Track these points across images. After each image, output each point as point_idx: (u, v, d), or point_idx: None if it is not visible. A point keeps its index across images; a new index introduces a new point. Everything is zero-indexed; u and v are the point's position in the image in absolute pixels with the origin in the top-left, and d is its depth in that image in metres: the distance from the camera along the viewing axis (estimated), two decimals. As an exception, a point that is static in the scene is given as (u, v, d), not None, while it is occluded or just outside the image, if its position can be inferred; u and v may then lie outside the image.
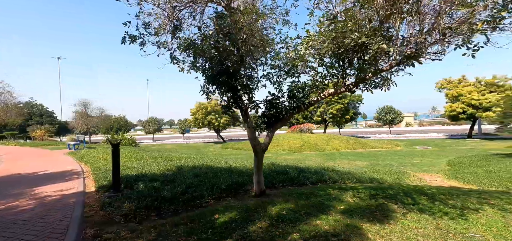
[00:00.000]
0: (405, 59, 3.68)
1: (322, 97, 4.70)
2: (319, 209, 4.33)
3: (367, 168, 15.72)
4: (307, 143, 30.78)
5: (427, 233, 3.40)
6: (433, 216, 4.08)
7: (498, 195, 5.39)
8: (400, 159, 20.40)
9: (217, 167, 8.20)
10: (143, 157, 11.21)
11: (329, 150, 28.18)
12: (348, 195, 5.38)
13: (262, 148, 5.17)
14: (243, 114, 5.00)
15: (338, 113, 37.70)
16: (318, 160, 21.07)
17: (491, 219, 3.88)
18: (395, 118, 43.94)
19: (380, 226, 3.61)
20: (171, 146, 41.56)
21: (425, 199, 5.04)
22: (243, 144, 36.30)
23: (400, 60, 3.67)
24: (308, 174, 7.70)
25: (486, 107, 32.49)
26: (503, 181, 9.03)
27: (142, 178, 6.47)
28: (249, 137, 5.08)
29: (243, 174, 7.06)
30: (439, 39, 2.98)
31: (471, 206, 4.54)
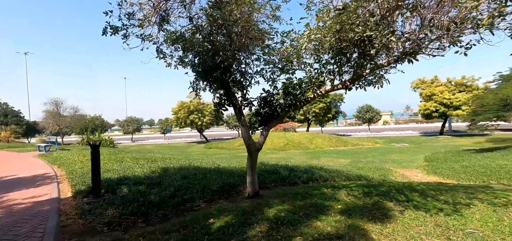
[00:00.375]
0: (404, 55, 3.65)
1: (318, 95, 4.58)
2: (317, 209, 4.20)
3: (351, 165, 16.01)
4: (291, 141, 31.01)
5: (429, 231, 3.37)
6: (429, 212, 4.10)
7: (482, 190, 5.58)
8: (381, 156, 21.11)
9: (205, 168, 7.86)
10: (124, 159, 10.56)
11: (313, 148, 28.58)
12: (342, 194, 5.32)
13: (256, 147, 4.96)
14: (237, 112, 4.76)
15: (321, 112, 38.38)
16: (303, 158, 21.25)
17: (484, 214, 3.95)
18: (373, 117, 45.60)
19: (381, 225, 3.54)
20: (151, 146, 40.10)
21: (417, 196, 5.10)
22: (226, 144, 35.89)
23: (398, 56, 3.62)
24: (298, 173, 7.60)
25: (456, 106, 34.61)
26: (479, 175, 9.53)
27: (125, 181, 6.00)
28: (243, 136, 4.85)
29: (234, 175, 6.80)
30: (443, 35, 2.94)
31: (462, 201, 4.63)
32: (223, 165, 8.71)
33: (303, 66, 4.66)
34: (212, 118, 43.58)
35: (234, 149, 31.75)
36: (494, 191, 5.41)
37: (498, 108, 16.03)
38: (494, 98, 16.35)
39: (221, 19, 3.75)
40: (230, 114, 49.39)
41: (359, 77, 4.33)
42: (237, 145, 33.63)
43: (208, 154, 27.83)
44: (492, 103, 16.41)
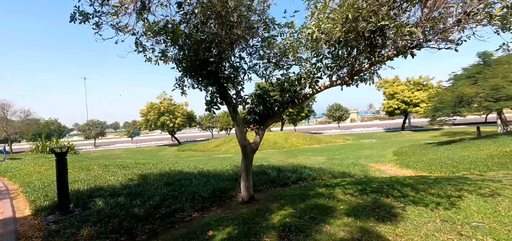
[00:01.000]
0: (407, 48, 3.58)
1: (317, 90, 4.38)
2: (322, 211, 3.99)
3: (328, 162, 16.36)
4: (266, 141, 31.02)
5: (438, 228, 3.34)
6: (428, 207, 4.12)
7: (463, 181, 5.89)
8: (353, 152, 21.99)
9: (189, 172, 7.28)
10: (91, 166, 9.44)
11: (288, 147, 28.90)
12: (338, 193, 5.21)
13: (253, 148, 4.61)
14: (231, 111, 4.35)
15: (294, 111, 39.06)
16: (281, 157, 21.31)
17: (479, 205, 4.08)
18: (343, 115, 47.72)
19: (391, 225, 3.43)
20: (119, 151, 37.30)
21: (409, 190, 5.18)
22: (201, 145, 34.80)
23: (405, 47, 3.52)
24: (287, 173, 7.40)
25: (415, 103, 37.70)
26: (448, 166, 10.25)
27: (99, 192, 5.23)
28: (238, 137, 4.46)
29: (222, 178, 6.36)
30: (453, 26, 2.89)
31: (452, 193, 4.78)
32: (206, 168, 8.18)
33: (300, 61, 4.42)
34: (185, 119, 42.01)
35: (209, 151, 30.86)
36: (474, 182, 5.72)
37: (455, 105, 17.61)
38: (452, 96, 17.93)
39: (219, 5, 3.33)
40: (203, 116, 48.09)
41: (357, 72, 4.22)
42: (212, 146, 32.77)
43: (182, 157, 26.59)
44: (450, 100, 17.98)
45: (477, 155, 11.45)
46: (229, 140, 33.94)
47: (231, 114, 4.36)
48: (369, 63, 4.11)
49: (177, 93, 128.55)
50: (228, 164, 9.86)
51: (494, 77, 15.54)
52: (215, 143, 34.46)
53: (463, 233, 3.15)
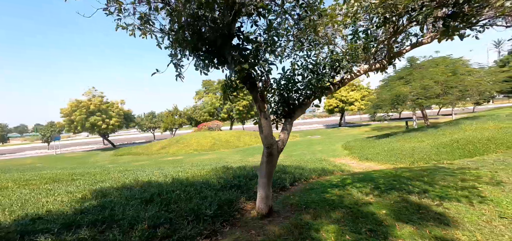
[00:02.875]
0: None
1: (355, 75, 3.71)
2: (371, 220, 3.35)
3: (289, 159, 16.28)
4: (218, 140, 29.68)
5: (488, 218, 3.09)
6: (461, 202, 3.95)
7: (450, 171, 6.18)
8: (307, 148, 22.77)
9: (167, 183, 5.72)
10: (4, 184, 6.67)
11: (242, 146, 28.21)
12: (356, 192, 4.71)
13: (280, 148, 3.64)
14: (256, 98, 3.28)
15: (244, 110, 38.66)
16: (238, 157, 20.47)
17: (505, 196, 4.09)
18: (289, 113, 49.71)
19: (460, 230, 3.01)
20: (32, 160, 29.79)
21: (422, 184, 5.06)
22: (142, 148, 30.89)
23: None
24: (280, 174, 6.62)
25: (351, 102, 42.13)
26: (405, 157, 11.20)
27: (38, 225, 3.36)
28: (264, 133, 3.43)
29: (216, 188, 5.14)
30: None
31: (464, 185, 4.80)
32: (184, 176, 6.69)
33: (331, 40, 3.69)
34: (121, 120, 36.78)
35: (154, 154, 27.58)
36: (463, 171, 6.05)
37: (393, 102, 19.95)
38: (390, 94, 20.27)
39: None
40: (142, 115, 43.16)
41: (396, 55, 3.73)
42: (157, 149, 29.47)
43: (121, 162, 22.90)
44: (388, 98, 20.30)
45: (421, 146, 12.95)
46: (175, 141, 31.18)
47: (256, 102, 3.30)
48: (411, 44, 3.67)
49: (111, 89, 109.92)
50: (201, 168, 8.47)
51: (422, 78, 18.14)
52: (160, 144, 31.14)
53: (533, 228, 2.94)
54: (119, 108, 37.06)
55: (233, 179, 5.93)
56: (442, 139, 13.43)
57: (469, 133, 13.27)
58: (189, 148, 28.40)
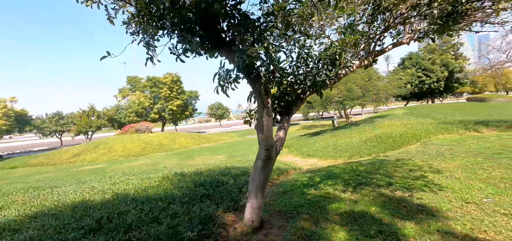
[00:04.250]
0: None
1: (349, 70, 3.57)
2: (372, 221, 3.26)
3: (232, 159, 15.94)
4: (150, 144, 26.67)
5: (458, 205, 3.45)
6: (425, 192, 4.35)
7: (400, 164, 6.97)
8: (248, 148, 22.82)
9: (109, 201, 4.38)
10: None
11: (178, 149, 26.13)
12: (331, 190, 4.69)
13: (278, 150, 3.15)
14: (260, 92, 2.70)
15: (178, 110, 36.10)
16: (175, 160, 18.83)
17: (452, 182, 4.72)
18: (224, 113, 49.35)
19: (438, 217, 3.21)
20: None
21: (382, 177, 5.45)
22: (47, 157, 24.84)
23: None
24: (245, 177, 6.12)
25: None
26: (343, 152, 12.39)
27: None
28: (265, 133, 2.88)
29: (184, 199, 4.22)
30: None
31: (416, 175, 5.39)
32: (122, 189, 5.36)
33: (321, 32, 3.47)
34: (10, 122, 28.75)
35: (63, 164, 22.49)
36: (402, 162, 6.89)
37: (323, 102, 22.08)
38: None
39: None
40: (45, 117, 34.94)
41: (381, 52, 3.82)
42: (68, 157, 24.22)
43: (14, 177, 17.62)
44: (319, 99, 22.39)
45: (352, 142, 14.63)
46: (94, 146, 26.43)
47: (260, 97, 2.72)
48: (393, 44, 3.80)
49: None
50: (145, 177, 7.09)
51: (346, 82, 20.72)
52: (71, 151, 25.75)
53: (487, 210, 3.40)
54: (6, 108, 28.82)
55: (196, 188, 5.09)
56: (366, 134, 15.53)
57: (385, 129, 15.78)
58: (113, 153, 24.44)
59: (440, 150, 8.37)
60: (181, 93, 37.03)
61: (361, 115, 37.11)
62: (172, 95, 35.68)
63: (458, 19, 2.79)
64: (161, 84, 35.68)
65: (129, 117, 33.91)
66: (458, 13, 2.71)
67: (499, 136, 9.87)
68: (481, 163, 5.83)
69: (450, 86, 41.31)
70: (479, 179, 4.72)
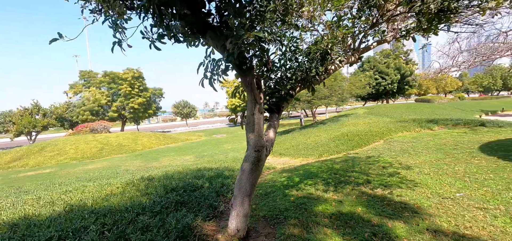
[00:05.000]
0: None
1: (338, 66, 3.42)
2: (360, 222, 3.16)
3: (201, 160, 15.39)
4: (108, 145, 24.41)
5: (437, 201, 3.57)
6: (395, 187, 4.47)
7: (372, 161, 7.20)
8: (216, 148, 22.25)
9: (62, 214, 3.64)
10: None
11: (140, 150, 24.35)
12: (313, 191, 4.58)
13: (269, 151, 2.85)
14: (253, 86, 2.36)
15: (140, 108, 33.72)
16: (138, 163, 17.55)
17: (423, 178, 4.93)
18: (190, 112, 47.63)
19: (422, 215, 3.26)
20: None
21: (361, 175, 5.52)
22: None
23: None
24: (221, 179, 5.73)
25: (251, 102, 44.93)
26: (314, 150, 12.62)
27: None
28: (257, 132, 2.56)
29: (154, 211, 3.69)
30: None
31: (390, 172, 5.57)
32: (76, 199, 4.58)
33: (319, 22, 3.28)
34: None
35: (2, 169, 19.28)
36: (373, 159, 7.14)
37: (292, 102, 22.47)
38: (290, 95, 22.73)
39: None
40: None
41: (366, 49, 3.77)
42: (7, 161, 20.96)
43: None
44: (312, 95, 22.71)
45: (320, 140, 15.05)
46: (39, 148, 23.37)
47: (252, 91, 2.39)
48: (377, 41, 3.77)
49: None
50: (105, 183, 6.24)
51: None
52: (10, 155, 22.41)
53: (463, 205, 3.55)
54: None
55: (168, 194, 4.57)
56: (334, 133, 16.12)
57: (351, 127, 16.57)
58: (63, 156, 21.81)
59: (403, 147, 8.93)
60: (143, 90, 34.59)
61: (326, 115, 38.83)
62: (133, 92, 33.13)
63: (450, 15, 2.83)
64: (121, 80, 32.89)
65: (83, 116, 30.61)
66: (451, 10, 2.74)
67: (449, 133, 10.92)
68: (442, 159, 6.27)
69: (402, 88, 45.40)
70: (445, 174, 5.02)
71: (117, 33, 2.18)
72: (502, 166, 5.13)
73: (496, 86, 71.29)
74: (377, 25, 3.41)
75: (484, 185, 4.20)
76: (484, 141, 8.18)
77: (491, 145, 7.38)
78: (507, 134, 9.10)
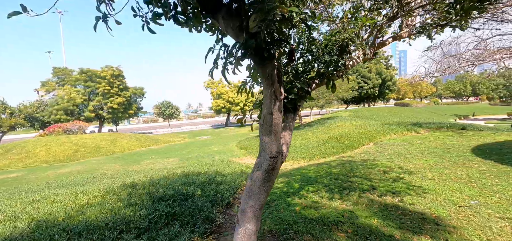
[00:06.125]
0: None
1: (356, 62, 3.07)
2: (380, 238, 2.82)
3: (186, 163, 14.71)
4: (83, 146, 22.85)
5: (455, 211, 3.33)
6: (405, 195, 4.22)
7: (361, 164, 6.98)
8: (201, 150, 21.48)
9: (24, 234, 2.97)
10: None
11: (119, 152, 23.00)
12: (317, 198, 4.22)
13: (285, 156, 2.41)
14: (273, 78, 1.92)
15: (120, 108, 32.03)
16: (117, 166, 16.55)
17: (430, 183, 4.73)
18: (174, 113, 46.16)
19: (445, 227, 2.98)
20: None
21: (361, 180, 5.24)
22: None
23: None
24: (214, 185, 5.22)
25: (237, 103, 44.31)
26: (305, 153, 12.35)
27: None
28: (272, 134, 2.11)
29: (150, 225, 3.12)
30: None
31: (394, 177, 5.33)
32: (44, 212, 3.89)
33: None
34: None
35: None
36: (370, 163, 6.93)
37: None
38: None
39: None
40: None
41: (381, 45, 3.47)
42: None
43: None
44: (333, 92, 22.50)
45: (310, 142, 14.85)
46: (4, 151, 21.42)
47: (272, 85, 1.94)
48: (392, 36, 3.48)
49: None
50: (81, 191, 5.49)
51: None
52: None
53: (479, 213, 3.33)
54: None
55: (155, 204, 3.99)
56: (322, 135, 16.01)
57: (339, 130, 16.55)
58: (32, 159, 20.06)
59: (396, 150, 8.87)
60: (123, 89, 32.85)
61: (310, 117, 39.11)
62: (112, 91, 31.35)
63: (486, 6, 2.58)
64: (99, 78, 31.01)
65: (56, 116, 28.48)
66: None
67: (436, 136, 11.09)
68: (440, 163, 6.17)
69: (382, 92, 46.88)
70: (450, 179, 4.86)
71: (103, 4, 1.66)
72: (503, 170, 5.06)
73: (466, 92, 75.90)
74: (396, 18, 3.10)
75: (494, 191, 4.05)
76: (473, 144, 8.28)
77: (482, 148, 7.45)
78: (491, 138, 9.32)
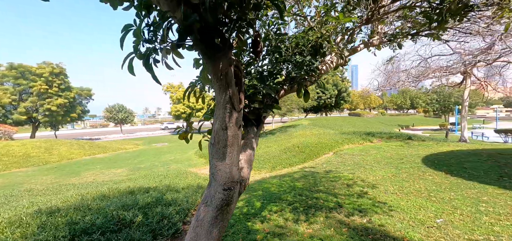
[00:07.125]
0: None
1: (329, 67, 2.63)
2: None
3: (136, 173, 13.27)
4: (10, 155, 19.32)
5: (425, 233, 3.15)
6: (372, 213, 4.00)
7: (325, 176, 6.78)
8: (156, 158, 19.85)
9: None
10: None
11: (56, 161, 19.86)
12: (280, 221, 3.73)
13: (245, 186, 1.79)
14: (230, 79, 1.31)
15: (60, 111, 28.04)
16: (51, 178, 14.30)
17: (394, 199, 4.60)
18: (127, 117, 42.46)
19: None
20: None
21: (327, 196, 4.93)
22: None
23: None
24: (161, 206, 4.36)
25: (198, 109, 42.61)
26: (266, 163, 11.98)
27: None
28: (227, 157, 1.49)
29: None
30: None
31: (358, 192, 5.13)
32: None
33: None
34: None
35: None
36: (333, 176, 6.76)
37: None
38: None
39: None
40: None
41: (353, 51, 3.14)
42: None
43: None
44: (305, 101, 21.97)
45: (271, 151, 14.58)
46: None
47: (228, 88, 1.33)
48: (364, 43, 3.19)
49: None
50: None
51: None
52: None
53: (445, 231, 3.19)
54: None
55: (75, 239, 3.03)
56: (284, 144, 15.90)
57: (300, 139, 16.66)
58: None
59: (354, 160, 8.99)
60: (65, 90, 28.84)
61: (272, 125, 39.52)
62: (51, 91, 27.25)
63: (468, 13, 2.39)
64: (34, 76, 26.73)
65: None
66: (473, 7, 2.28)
67: (388, 145, 11.69)
68: (398, 174, 6.26)
69: (338, 102, 49.90)
70: (411, 193, 4.83)
71: None
72: (455, 182, 5.24)
73: (406, 105, 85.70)
74: (370, 21, 2.80)
75: (454, 206, 4.05)
76: (421, 154, 8.79)
77: (431, 158, 7.89)
78: (434, 148, 10.05)
